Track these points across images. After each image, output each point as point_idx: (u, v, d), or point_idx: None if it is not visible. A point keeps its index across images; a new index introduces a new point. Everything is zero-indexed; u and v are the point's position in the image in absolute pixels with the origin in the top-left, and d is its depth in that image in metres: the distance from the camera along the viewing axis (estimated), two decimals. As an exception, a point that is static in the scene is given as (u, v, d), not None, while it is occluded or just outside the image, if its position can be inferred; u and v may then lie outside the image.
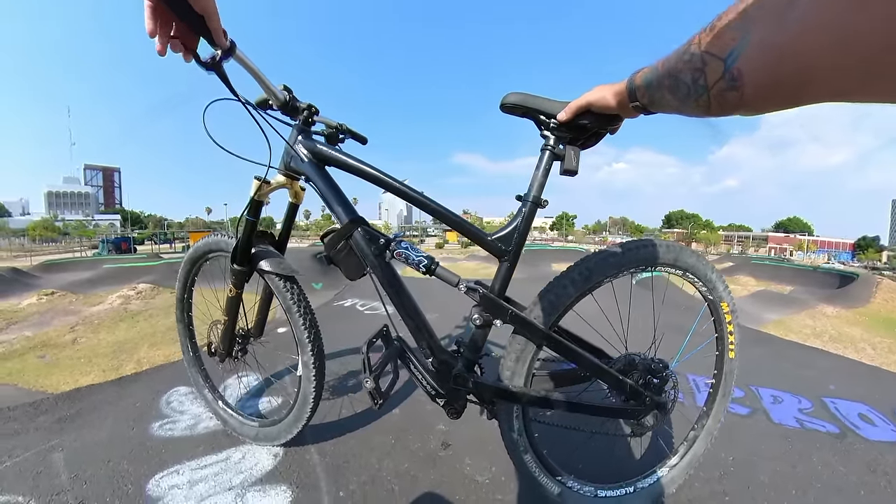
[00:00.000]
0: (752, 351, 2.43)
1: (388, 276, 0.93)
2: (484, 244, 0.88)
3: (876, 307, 4.98)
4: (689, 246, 18.34)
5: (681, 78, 0.42)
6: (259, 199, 1.04)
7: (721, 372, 1.00)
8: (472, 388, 0.90)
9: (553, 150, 0.80)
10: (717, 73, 0.36)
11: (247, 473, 1.10)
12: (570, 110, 0.72)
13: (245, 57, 0.79)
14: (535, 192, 0.83)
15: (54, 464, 1.13)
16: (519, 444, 0.92)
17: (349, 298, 3.65)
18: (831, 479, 1.18)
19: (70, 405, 1.49)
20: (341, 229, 0.95)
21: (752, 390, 1.78)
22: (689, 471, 1.03)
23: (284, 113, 1.00)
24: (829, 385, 1.91)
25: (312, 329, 1.08)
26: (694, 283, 0.92)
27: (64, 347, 2.55)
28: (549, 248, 10.67)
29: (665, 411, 0.90)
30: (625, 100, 0.58)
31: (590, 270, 0.83)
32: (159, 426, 1.33)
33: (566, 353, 0.85)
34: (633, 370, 0.89)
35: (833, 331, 3.79)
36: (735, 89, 0.35)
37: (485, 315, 0.85)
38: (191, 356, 1.37)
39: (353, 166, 0.95)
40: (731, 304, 0.95)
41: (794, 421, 1.53)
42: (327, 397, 1.54)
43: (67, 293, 4.51)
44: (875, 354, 3.07)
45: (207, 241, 1.21)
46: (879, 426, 1.51)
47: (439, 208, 0.91)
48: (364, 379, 0.92)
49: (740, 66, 0.34)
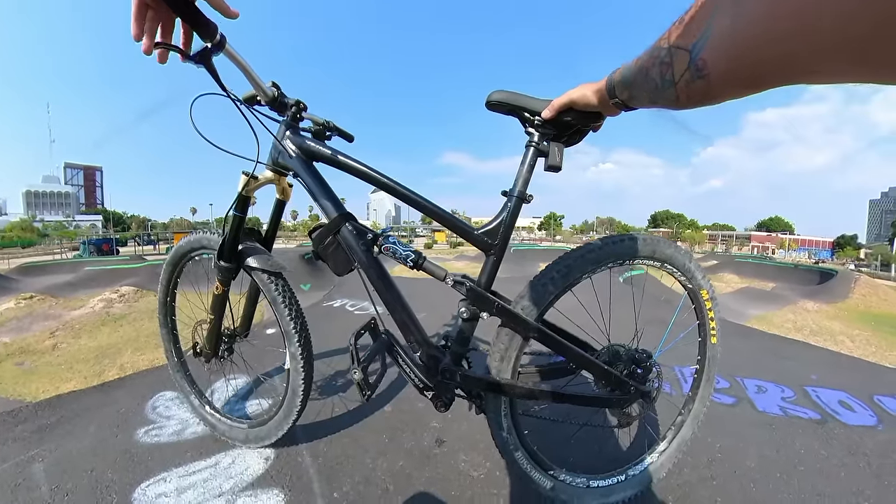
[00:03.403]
0: (737, 344, 2.50)
1: (377, 271, 0.93)
2: (470, 238, 0.89)
3: (854, 302, 5.19)
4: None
5: (650, 73, 0.43)
6: (247, 194, 1.03)
7: (704, 357, 1.02)
8: (460, 382, 0.90)
9: (537, 147, 0.81)
10: (683, 64, 0.37)
11: (237, 478, 1.08)
12: (554, 108, 0.74)
13: (235, 52, 0.78)
14: (520, 187, 0.84)
15: (34, 475, 1.08)
16: (509, 441, 0.92)
17: (338, 299, 3.61)
18: (814, 462, 1.23)
19: (50, 413, 1.43)
20: (329, 224, 0.95)
21: (738, 381, 1.83)
22: (677, 454, 1.05)
23: (272, 109, 0.99)
24: (811, 375, 1.97)
25: (298, 319, 1.07)
26: (673, 273, 0.93)
27: (43, 354, 2.46)
28: (537, 248, 10.76)
29: (650, 399, 0.92)
30: (605, 97, 0.60)
31: (571, 265, 0.84)
32: (145, 432, 1.29)
33: (554, 345, 0.86)
34: (618, 361, 0.91)
35: (814, 325, 3.92)
36: (701, 78, 0.36)
37: (471, 308, 0.86)
38: (175, 362, 1.34)
39: (341, 162, 0.95)
40: (711, 292, 0.97)
41: (777, 409, 1.57)
42: (318, 398, 1.52)
43: (47, 297, 4.35)
44: (854, 346, 3.19)
45: (189, 240, 1.18)
46: (858, 412, 1.58)
47: (428, 204, 0.92)
48: (352, 370, 0.92)
49: (705, 56, 0.34)
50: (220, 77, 0.77)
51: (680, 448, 1.05)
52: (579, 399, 0.92)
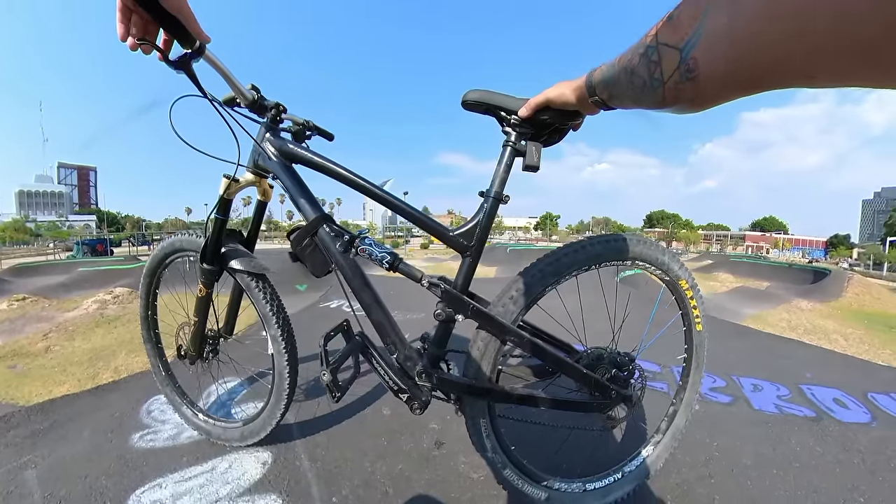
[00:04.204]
0: (733, 343, 2.51)
1: (353, 272, 0.93)
2: (445, 240, 0.88)
3: (847, 301, 5.25)
4: (671, 245, 18.74)
5: (637, 72, 0.42)
6: (228, 197, 1.03)
7: (692, 345, 1.02)
8: (437, 384, 0.89)
9: (514, 146, 0.80)
10: (672, 64, 0.36)
11: (234, 484, 1.07)
12: (530, 106, 0.73)
13: (214, 57, 0.80)
14: (497, 187, 0.83)
15: (27, 482, 1.07)
16: (496, 461, 0.91)
17: (335, 300, 3.60)
18: (809, 458, 1.24)
19: (43, 418, 1.41)
20: (307, 226, 0.95)
21: (734, 380, 1.85)
22: (672, 444, 1.05)
23: (252, 111, 1.00)
24: (806, 373, 1.99)
25: (274, 302, 1.08)
26: (646, 269, 0.92)
27: (36, 356, 2.43)
28: (533, 248, 10.80)
29: (632, 404, 0.91)
30: (584, 95, 0.58)
31: (548, 268, 0.83)
32: (140, 437, 1.28)
33: (530, 348, 0.85)
34: (599, 364, 0.90)
35: (808, 323, 3.96)
36: (691, 80, 0.34)
37: (447, 310, 0.85)
38: (163, 376, 1.33)
39: (318, 163, 0.95)
40: (691, 281, 0.96)
41: (773, 407, 1.59)
42: (316, 401, 1.51)
43: (40, 298, 4.30)
44: (847, 345, 3.23)
45: (163, 246, 1.18)
46: (852, 409, 1.59)
47: (402, 205, 0.91)
48: (321, 372, 0.91)
49: (696, 55, 0.33)
50: (199, 81, 0.78)
51: (675, 437, 1.05)
52: (560, 403, 0.90)
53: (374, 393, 1.59)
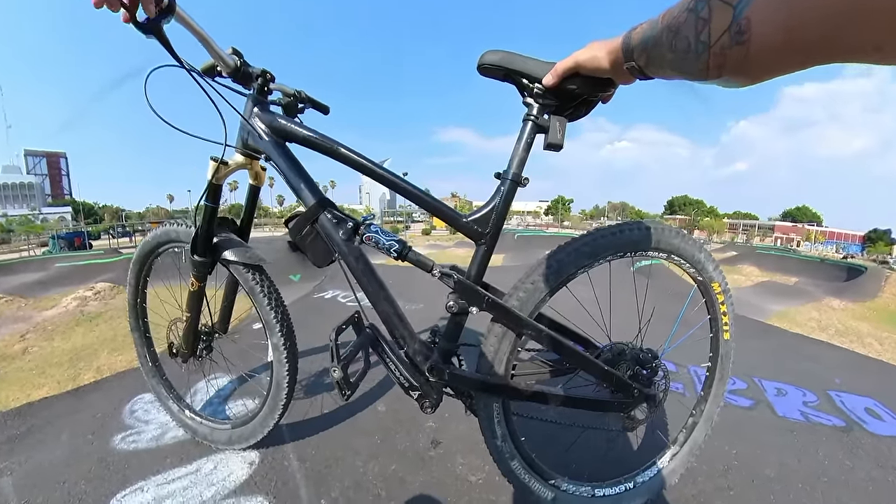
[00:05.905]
0: (755, 343, 2.51)
1: (359, 262, 0.91)
2: (459, 226, 0.86)
3: (884, 301, 5.16)
4: (692, 233, 18.21)
5: (682, 31, 0.40)
6: (217, 182, 1.01)
7: (717, 355, 1.02)
8: (449, 380, 0.89)
9: (536, 121, 0.76)
10: (723, 22, 0.34)
11: (219, 485, 1.09)
12: (557, 73, 0.68)
13: (188, 16, 0.75)
14: (516, 168, 0.80)
15: (2, 490, 1.09)
16: (504, 450, 0.92)
17: (329, 290, 3.62)
18: (838, 473, 1.23)
19: (20, 422, 1.44)
20: (306, 212, 0.93)
21: (756, 382, 1.84)
22: (690, 459, 1.05)
23: (236, 81, 0.95)
24: (835, 379, 1.98)
25: (279, 308, 1.08)
26: (681, 265, 0.92)
27: (13, 359, 2.46)
28: (543, 234, 10.71)
29: (655, 403, 0.92)
30: (619, 59, 0.55)
31: (564, 260, 0.83)
32: (121, 439, 1.30)
33: (548, 342, 0.85)
34: (621, 361, 0.90)
35: (839, 324, 3.92)
36: (741, 44, 0.33)
37: (460, 302, 0.85)
38: (150, 367, 1.34)
39: (315, 141, 0.91)
40: (724, 285, 0.96)
41: (798, 414, 1.58)
42: (306, 397, 1.53)
43: (15, 297, 4.34)
44: (882, 349, 3.19)
45: (155, 234, 1.18)
46: (887, 421, 1.57)
47: (410, 188, 0.90)
48: (332, 368, 0.91)
49: (749, 14, 0.32)
50: (173, 47, 0.73)
51: (692, 451, 1.05)
52: (578, 402, 0.91)
53: (368, 387, 1.60)
